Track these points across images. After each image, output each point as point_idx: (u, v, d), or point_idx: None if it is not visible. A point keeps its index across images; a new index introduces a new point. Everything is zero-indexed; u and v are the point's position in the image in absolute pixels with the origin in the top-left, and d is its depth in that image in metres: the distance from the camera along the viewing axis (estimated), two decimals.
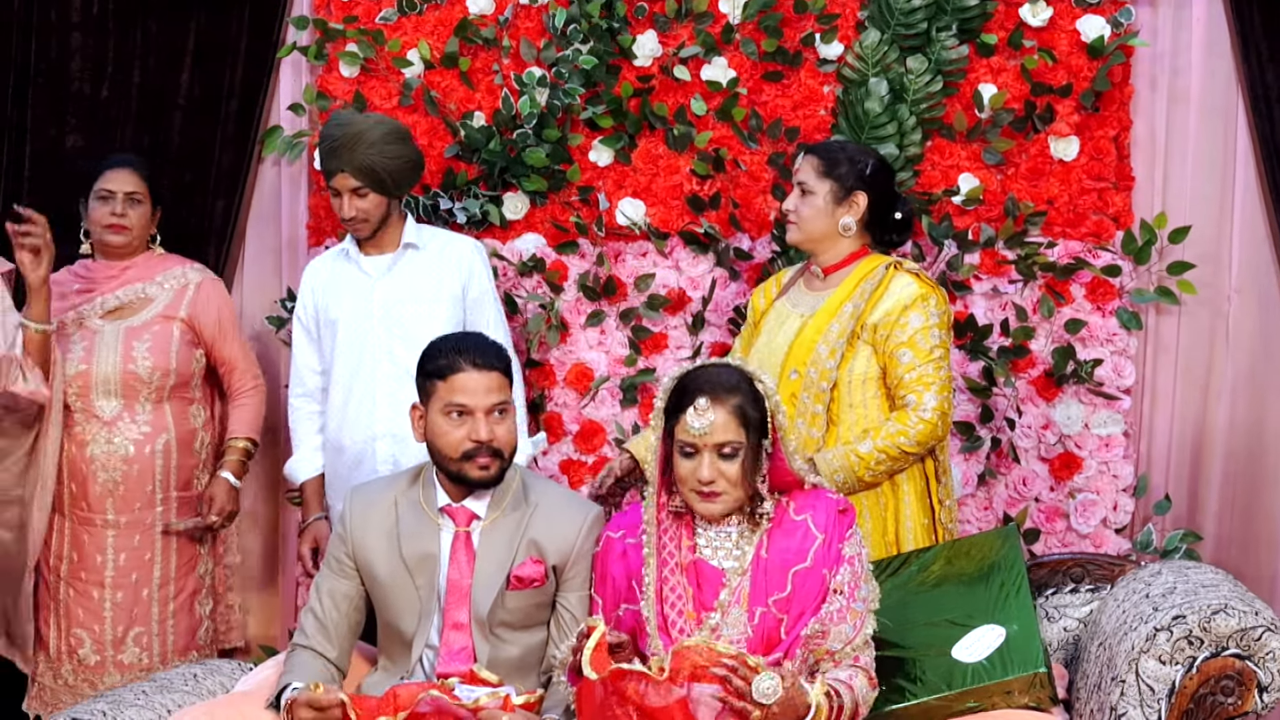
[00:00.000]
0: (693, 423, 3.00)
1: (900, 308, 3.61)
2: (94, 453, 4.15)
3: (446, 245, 4.16)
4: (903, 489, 3.66)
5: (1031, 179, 4.38)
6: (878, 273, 3.68)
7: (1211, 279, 4.42)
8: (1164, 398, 4.49)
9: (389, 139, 4.01)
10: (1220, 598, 3.00)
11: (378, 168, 3.98)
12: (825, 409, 3.62)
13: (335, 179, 4.00)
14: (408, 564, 3.19)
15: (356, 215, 4.01)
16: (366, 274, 4.10)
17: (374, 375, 4.03)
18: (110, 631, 4.18)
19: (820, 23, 4.43)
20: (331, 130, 4.03)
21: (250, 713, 3.08)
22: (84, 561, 4.18)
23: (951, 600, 3.30)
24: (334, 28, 4.61)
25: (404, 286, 4.08)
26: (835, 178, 3.71)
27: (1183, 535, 4.39)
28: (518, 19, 4.55)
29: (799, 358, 3.66)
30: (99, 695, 3.20)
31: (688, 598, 3.04)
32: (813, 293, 3.77)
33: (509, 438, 3.20)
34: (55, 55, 4.71)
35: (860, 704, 2.96)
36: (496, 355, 3.23)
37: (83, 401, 4.15)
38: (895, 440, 3.55)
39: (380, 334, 4.05)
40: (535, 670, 3.21)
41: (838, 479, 3.53)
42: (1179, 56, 4.43)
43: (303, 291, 4.21)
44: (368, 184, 3.99)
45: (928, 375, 3.58)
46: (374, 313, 4.06)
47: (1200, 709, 2.92)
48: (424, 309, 4.05)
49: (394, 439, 3.98)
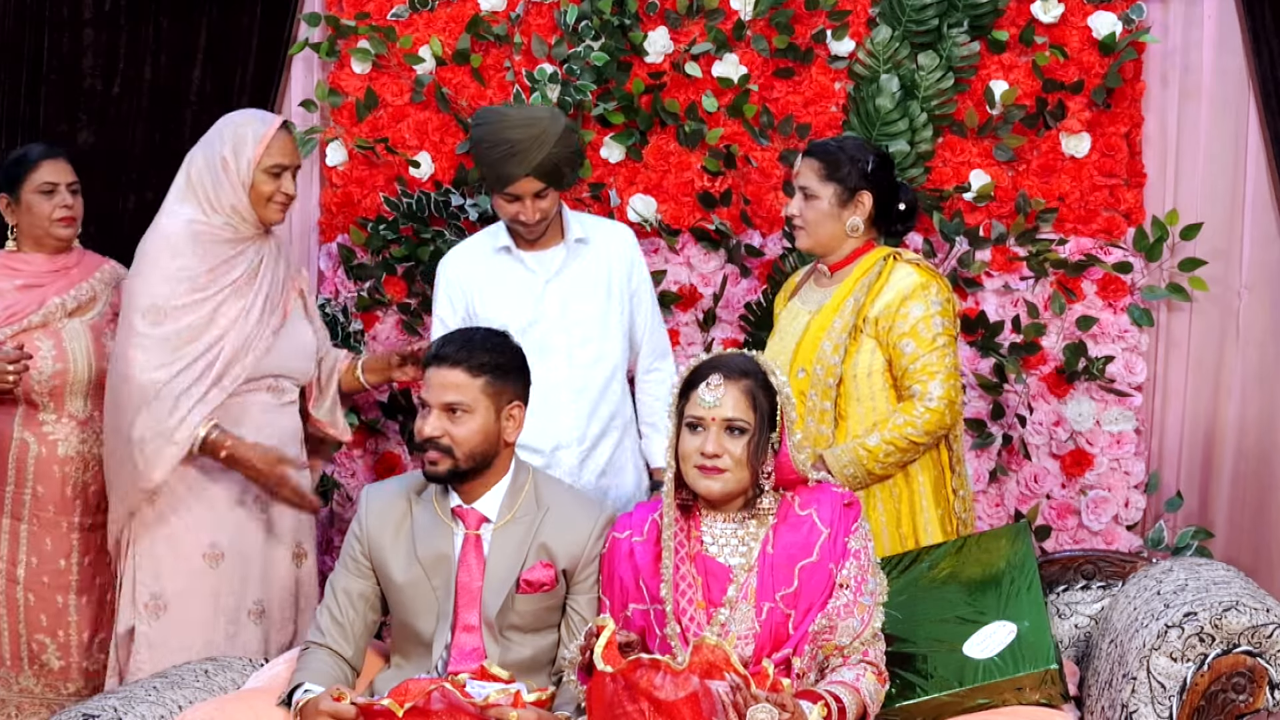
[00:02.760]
0: (704, 396, 3.01)
1: (900, 298, 3.60)
2: (66, 453, 3.99)
3: (608, 234, 3.99)
4: (917, 480, 3.65)
5: (1043, 175, 4.38)
6: (876, 265, 3.67)
7: (1223, 275, 4.41)
8: (1175, 394, 4.48)
9: (566, 132, 3.80)
10: (1231, 595, 3.00)
11: (561, 164, 3.77)
12: (833, 405, 3.62)
13: (516, 185, 3.74)
14: (424, 564, 3.20)
15: (541, 219, 3.80)
16: (533, 271, 3.89)
17: (552, 381, 3.76)
18: (76, 637, 4.05)
19: (831, 19, 4.43)
20: (505, 134, 3.75)
21: (262, 709, 3.08)
22: (45, 565, 4.02)
23: (962, 596, 3.30)
24: (346, 24, 4.61)
25: (577, 283, 3.89)
26: (838, 180, 3.68)
27: (1194, 532, 4.39)
28: (529, 15, 4.55)
29: (805, 355, 3.65)
30: (109, 693, 3.20)
31: (697, 586, 3.05)
32: (820, 289, 3.77)
33: (465, 437, 3.14)
34: (67, 51, 4.72)
35: (869, 702, 2.96)
36: (471, 353, 3.16)
37: (55, 402, 3.99)
38: (903, 431, 3.55)
39: (558, 336, 3.84)
40: (546, 670, 3.21)
41: (847, 473, 3.54)
42: (1190, 53, 4.42)
43: (447, 289, 3.96)
44: (550, 184, 3.77)
45: (932, 364, 3.57)
46: (548, 314, 3.85)
47: (1212, 706, 2.92)
48: (598, 306, 3.88)
49: (579, 447, 3.83)
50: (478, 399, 3.15)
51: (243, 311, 3.73)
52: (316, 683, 3.07)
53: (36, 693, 4.06)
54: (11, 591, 4.03)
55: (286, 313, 3.87)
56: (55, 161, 4.06)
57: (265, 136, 3.76)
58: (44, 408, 4.00)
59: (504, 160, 3.73)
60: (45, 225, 4.04)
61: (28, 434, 4.00)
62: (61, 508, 4.02)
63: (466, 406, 3.14)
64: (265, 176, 3.76)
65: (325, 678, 3.10)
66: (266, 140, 3.75)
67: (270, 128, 3.78)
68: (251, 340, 3.74)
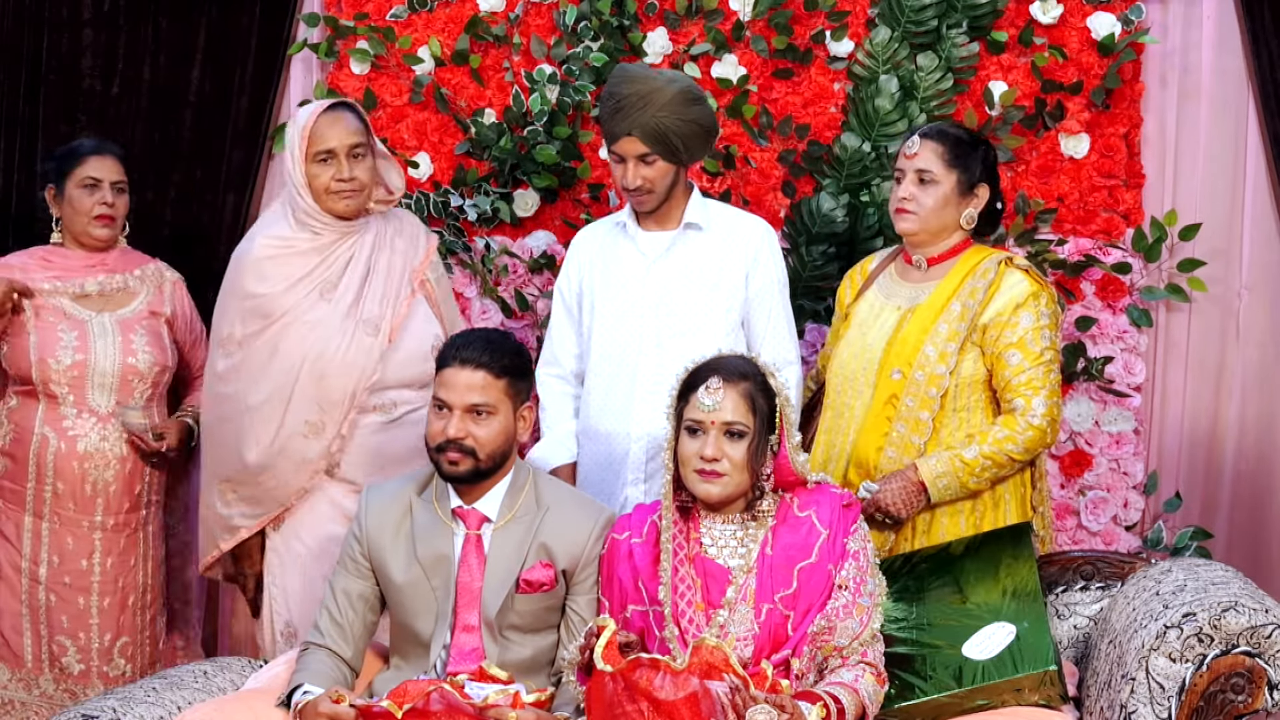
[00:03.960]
0: (703, 399, 3.00)
1: (1012, 306, 3.47)
2: (86, 449, 3.94)
3: (734, 225, 3.77)
4: (1004, 499, 3.55)
5: (1042, 176, 4.38)
6: (989, 270, 3.51)
7: (1222, 276, 4.42)
8: (1174, 395, 4.49)
9: (684, 99, 3.62)
10: (1230, 595, 3.00)
11: (670, 132, 3.59)
12: (932, 416, 3.49)
13: (620, 143, 3.61)
14: (423, 565, 3.19)
15: (642, 185, 3.62)
16: (642, 252, 3.73)
17: (635, 369, 3.67)
18: (97, 640, 4.00)
19: (831, 20, 4.43)
20: (618, 88, 3.62)
21: (261, 710, 3.07)
22: (67, 565, 3.97)
23: (962, 597, 3.29)
24: (345, 25, 4.61)
25: (682, 270, 3.70)
26: (963, 168, 3.53)
27: (1193, 533, 4.39)
28: (528, 16, 4.55)
29: (903, 357, 3.51)
30: (109, 692, 3.20)
31: (696, 588, 3.05)
32: (911, 284, 3.61)
33: (488, 438, 3.15)
34: (66, 52, 4.72)
35: (868, 703, 2.96)
36: (493, 355, 3.16)
37: (76, 395, 3.94)
38: (1003, 447, 3.44)
39: (650, 321, 3.68)
40: (545, 671, 3.21)
41: (941, 484, 3.45)
42: (1189, 54, 4.42)
43: (568, 263, 3.85)
44: (656, 150, 3.60)
45: (1037, 379, 3.44)
46: (646, 296, 3.70)
47: (1211, 707, 2.92)
48: (702, 296, 3.69)
49: (651, 441, 3.62)
50: (501, 400, 3.16)
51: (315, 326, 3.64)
52: (316, 684, 3.06)
53: (55, 697, 4.00)
54: (34, 591, 4.00)
55: (401, 313, 3.72)
56: (103, 158, 4.03)
57: (306, 126, 3.64)
58: (64, 401, 3.95)
59: (610, 116, 3.63)
60: (83, 222, 4.01)
61: (48, 429, 3.96)
62: (81, 505, 3.97)
63: (490, 408, 3.15)
64: (316, 167, 3.64)
65: (324, 679, 3.09)
66: (308, 129, 3.64)
67: (310, 115, 3.66)
68: (333, 357, 3.64)
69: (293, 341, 3.64)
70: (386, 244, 3.76)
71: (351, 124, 3.67)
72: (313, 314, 3.65)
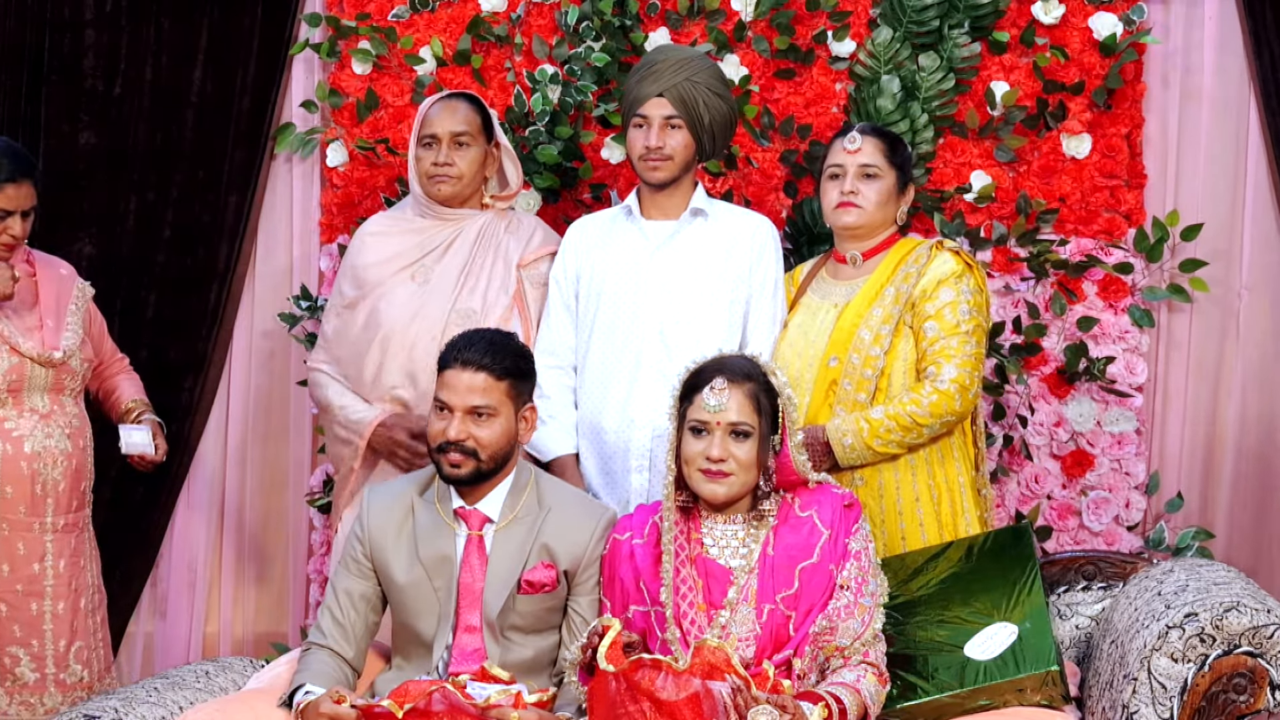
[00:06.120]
0: (708, 400, 3.01)
1: (935, 282, 3.56)
2: (33, 449, 3.81)
3: (740, 218, 3.81)
4: (957, 481, 3.60)
5: (1043, 176, 4.38)
6: (922, 255, 3.63)
7: (1223, 276, 4.42)
8: (1176, 395, 4.49)
9: (718, 76, 3.74)
10: (1232, 595, 3.00)
11: (699, 101, 3.65)
12: (869, 397, 3.54)
13: (646, 105, 3.65)
14: (425, 565, 3.19)
15: (663, 148, 3.65)
16: (646, 238, 3.74)
17: (639, 356, 3.67)
18: (52, 646, 3.85)
19: (832, 20, 4.43)
20: (653, 56, 3.74)
21: (263, 710, 3.08)
22: (19, 572, 3.81)
23: (964, 597, 3.29)
24: (346, 25, 4.61)
25: (686, 257, 3.71)
26: (899, 167, 3.66)
27: (1195, 533, 4.39)
28: (530, 16, 4.55)
29: (839, 344, 3.57)
30: (109, 693, 3.19)
31: (698, 589, 3.05)
32: (845, 281, 3.70)
33: (489, 440, 3.15)
34: (68, 52, 4.72)
35: (870, 703, 2.96)
36: (495, 357, 3.16)
37: (13, 398, 3.81)
38: (907, 409, 3.48)
39: (654, 309, 3.68)
40: (547, 671, 3.21)
41: (845, 442, 3.48)
42: (1191, 54, 4.43)
43: (563, 253, 3.83)
44: (683, 116, 3.64)
45: (950, 347, 3.52)
46: (649, 283, 3.70)
47: (1212, 707, 2.92)
48: (705, 285, 3.69)
49: (654, 433, 3.61)
50: (502, 402, 3.17)
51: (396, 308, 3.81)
52: (317, 684, 3.06)
53: (11, 713, 3.83)
54: None
55: (498, 314, 3.79)
56: (19, 185, 3.76)
57: (422, 110, 3.83)
58: (4, 403, 3.81)
59: (640, 81, 3.70)
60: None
61: None
62: (32, 508, 3.83)
63: (492, 410, 3.15)
64: (421, 150, 3.83)
65: (326, 679, 3.10)
66: (422, 113, 3.83)
67: (429, 101, 3.84)
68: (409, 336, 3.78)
69: (380, 314, 3.82)
70: (493, 241, 3.88)
71: (462, 113, 3.85)
72: (398, 292, 3.82)
